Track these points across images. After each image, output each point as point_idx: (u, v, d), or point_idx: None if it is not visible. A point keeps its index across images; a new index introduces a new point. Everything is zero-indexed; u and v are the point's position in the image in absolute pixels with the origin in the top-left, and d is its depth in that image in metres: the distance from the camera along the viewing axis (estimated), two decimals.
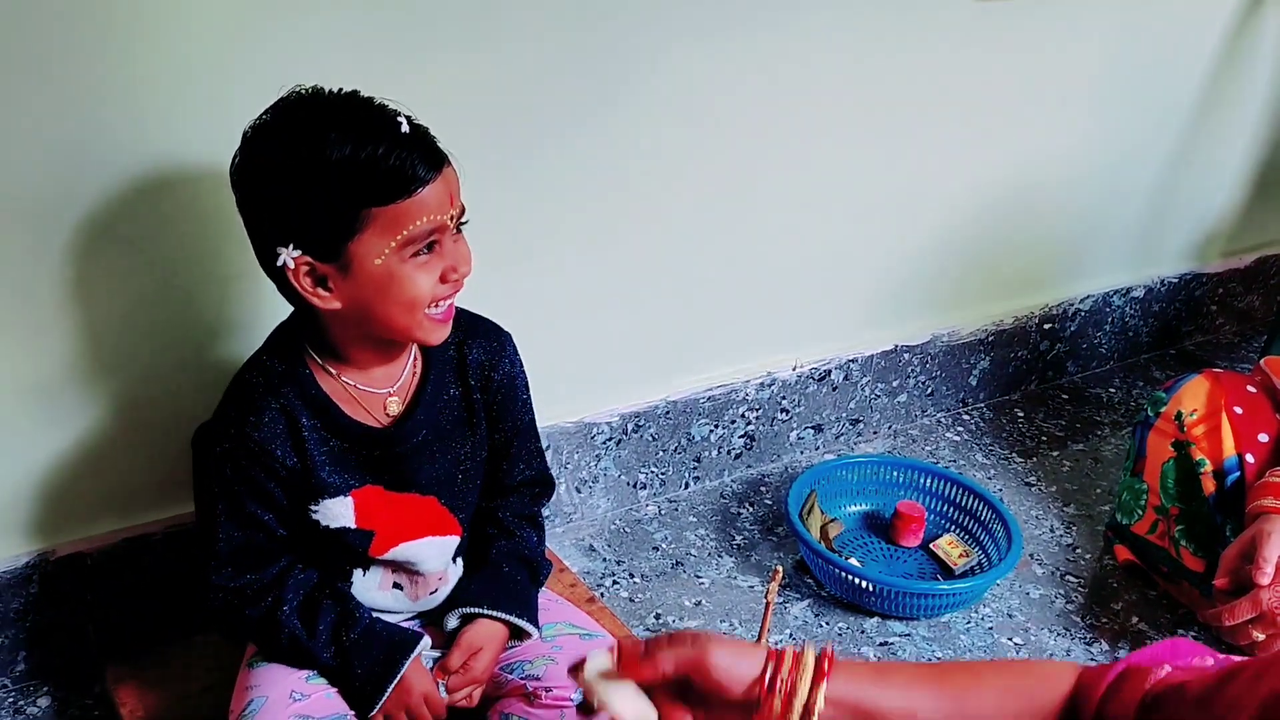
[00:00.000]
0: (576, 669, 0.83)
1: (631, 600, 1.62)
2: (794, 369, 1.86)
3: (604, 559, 1.69)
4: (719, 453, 1.85)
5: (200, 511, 1.16)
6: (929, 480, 1.78)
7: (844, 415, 1.96)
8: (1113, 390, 2.23)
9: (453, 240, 1.05)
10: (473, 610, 1.21)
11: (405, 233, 1.00)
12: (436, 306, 1.06)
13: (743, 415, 1.84)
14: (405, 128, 1.00)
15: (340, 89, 1.04)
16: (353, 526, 1.15)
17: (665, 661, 0.83)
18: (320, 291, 1.04)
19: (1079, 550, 1.79)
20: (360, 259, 1.01)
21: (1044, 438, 2.06)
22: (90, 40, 1.14)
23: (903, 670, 0.86)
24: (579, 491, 1.73)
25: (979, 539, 1.72)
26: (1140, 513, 1.71)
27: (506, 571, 1.24)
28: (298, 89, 1.05)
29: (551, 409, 1.58)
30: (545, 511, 1.35)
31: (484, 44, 1.36)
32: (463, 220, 1.07)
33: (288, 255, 1.02)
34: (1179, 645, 0.81)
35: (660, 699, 0.84)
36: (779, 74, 1.61)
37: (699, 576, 1.67)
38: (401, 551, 1.18)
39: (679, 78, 1.53)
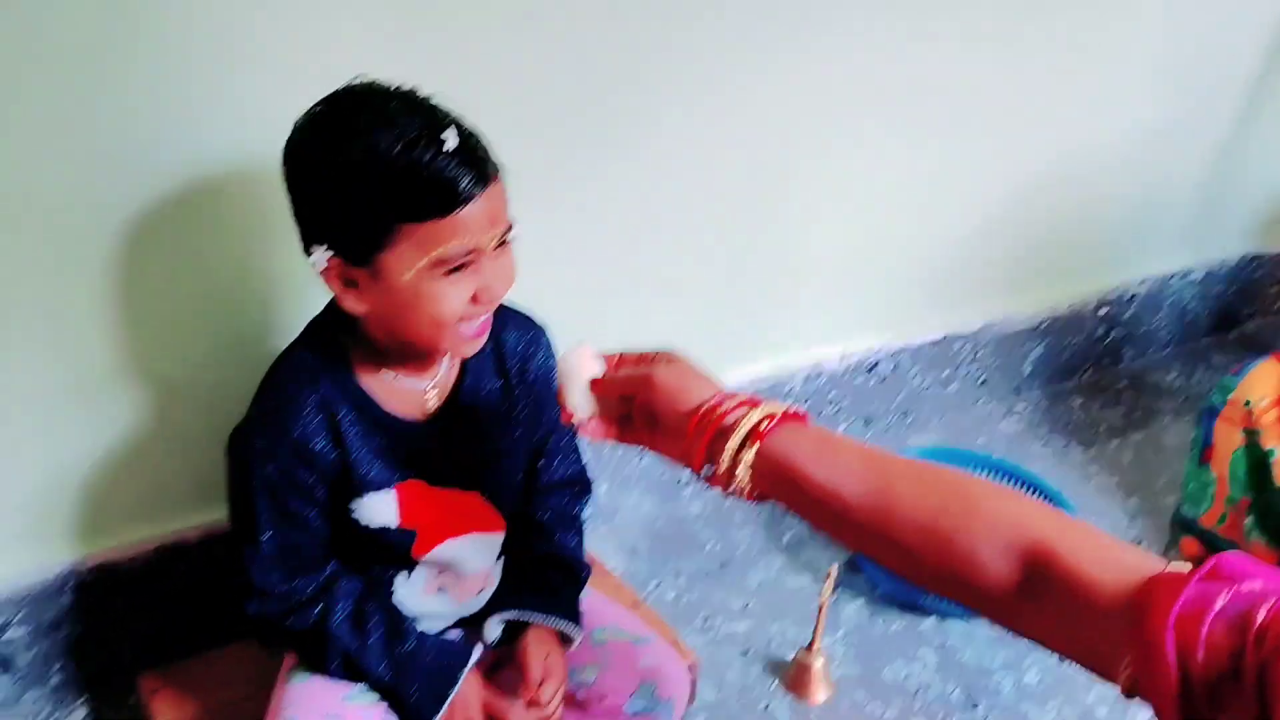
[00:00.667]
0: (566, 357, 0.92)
1: (678, 602, 1.57)
2: (841, 360, 1.80)
3: (648, 560, 1.64)
4: None
5: (235, 517, 1.12)
6: (986, 473, 1.72)
7: (894, 407, 1.90)
8: (1172, 376, 2.15)
9: (492, 259, 1.00)
10: (517, 616, 1.17)
11: (438, 252, 0.96)
12: (470, 322, 1.02)
13: None
14: (451, 142, 0.94)
15: (399, 86, 0.99)
16: (394, 526, 1.11)
17: (617, 381, 0.90)
18: (351, 294, 1.01)
19: (1145, 544, 1.72)
20: (390, 270, 0.97)
21: (1103, 427, 1.99)
22: (132, 45, 1.11)
23: (850, 452, 0.80)
24: (621, 491, 1.69)
25: None
26: (1208, 504, 1.64)
27: (547, 576, 1.21)
28: (356, 80, 1.00)
29: None
30: (586, 511, 1.31)
31: (522, 41, 1.31)
32: (506, 237, 1.02)
33: (320, 254, 0.99)
34: (1232, 560, 0.67)
35: (619, 410, 0.91)
36: (823, 60, 1.55)
37: (747, 576, 1.62)
38: (446, 549, 1.15)
39: (721, 68, 1.47)
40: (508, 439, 1.16)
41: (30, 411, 1.22)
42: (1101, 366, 2.14)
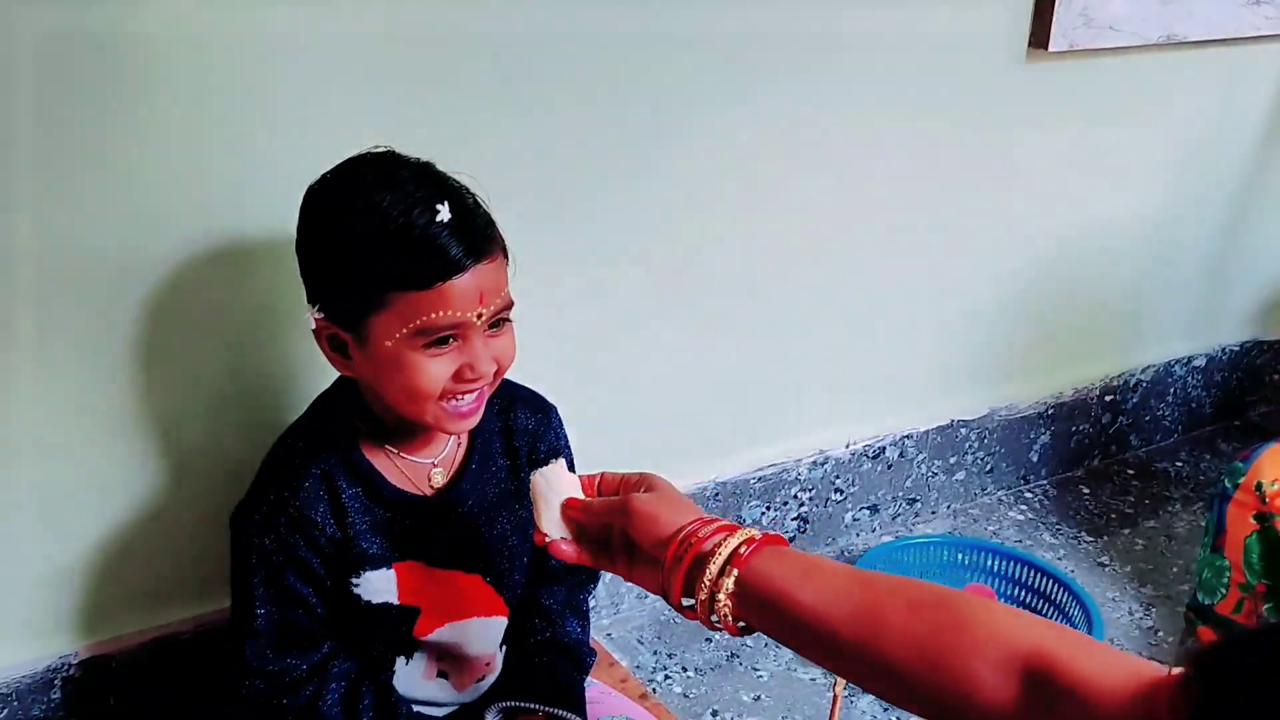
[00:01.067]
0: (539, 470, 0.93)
1: (686, 696, 1.52)
2: (847, 447, 1.78)
3: (654, 652, 1.60)
4: None
5: (235, 593, 1.09)
6: (997, 562, 1.69)
7: (900, 495, 1.88)
8: (1179, 464, 2.13)
9: (484, 336, 0.99)
10: (515, 705, 1.14)
11: (418, 323, 0.95)
12: (457, 399, 1.00)
13: (795, 496, 1.76)
14: (445, 214, 0.94)
15: (417, 158, 1.00)
16: (396, 603, 1.08)
17: (596, 506, 0.90)
18: (339, 358, 1.02)
19: (1160, 634, 1.68)
20: (375, 336, 0.97)
21: (1113, 515, 1.96)
22: (157, 115, 1.12)
23: (835, 573, 0.79)
24: (624, 580, 1.65)
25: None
26: (1223, 591, 1.61)
27: (548, 662, 1.17)
28: (373, 149, 1.01)
29: None
30: (591, 601, 1.28)
31: (525, 121, 1.32)
32: (503, 316, 1.01)
33: (313, 315, 1.00)
34: None
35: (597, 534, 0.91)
36: (823, 143, 1.57)
37: (756, 669, 1.57)
38: (447, 633, 1.12)
39: (721, 151, 1.49)
40: (513, 520, 1.14)
41: (32, 501, 1.20)
42: (1109, 454, 2.12)
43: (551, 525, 0.91)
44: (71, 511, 1.23)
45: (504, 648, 1.19)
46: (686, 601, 0.83)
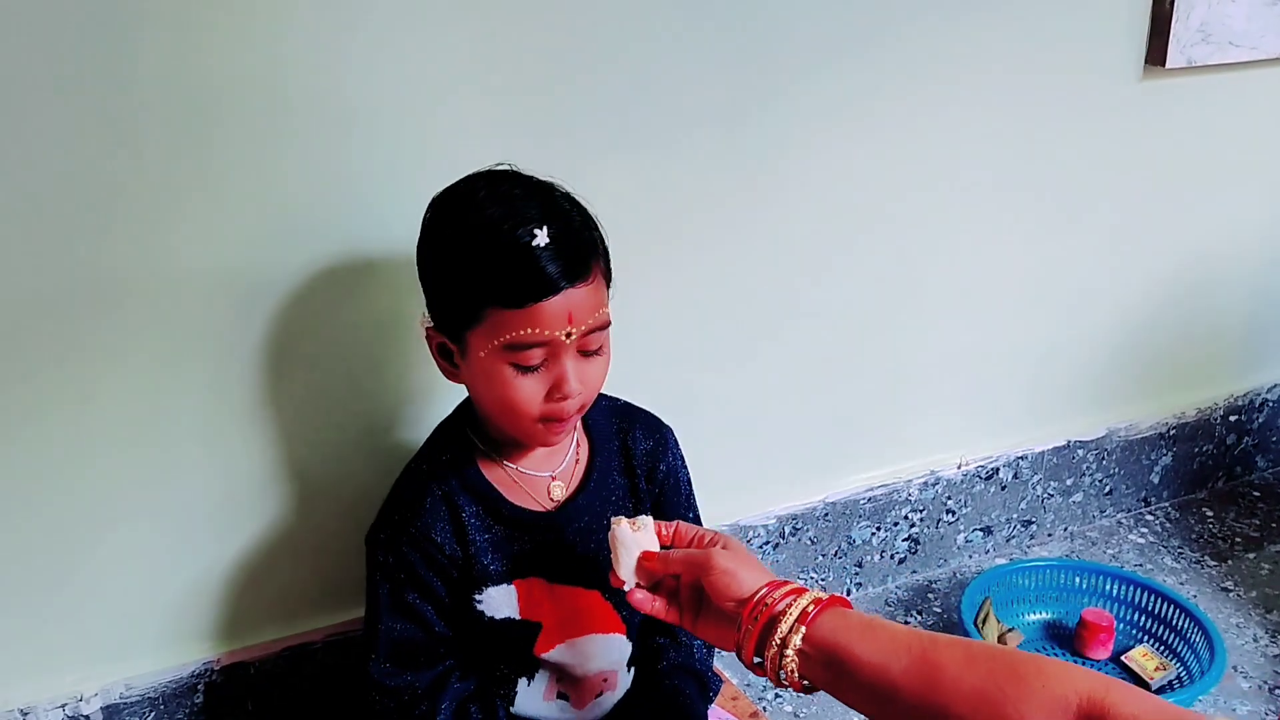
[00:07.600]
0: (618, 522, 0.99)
1: (796, 715, 1.53)
2: (959, 467, 1.77)
3: None
4: (881, 557, 1.76)
5: (366, 609, 1.14)
6: (1116, 586, 1.66)
7: (1015, 516, 1.86)
8: None
9: (573, 356, 1.01)
10: None
11: (507, 338, 0.98)
12: (551, 417, 1.02)
13: (906, 517, 1.75)
14: (542, 239, 0.96)
15: (535, 176, 1.03)
16: (518, 618, 1.12)
17: (674, 558, 0.95)
18: (447, 365, 1.07)
19: None
20: (472, 348, 1.01)
21: (1238, 539, 1.91)
22: (270, 156, 1.18)
23: (894, 630, 0.84)
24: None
25: (1176, 650, 1.58)
26: None
27: (675, 685, 1.19)
28: (496, 166, 1.05)
29: (705, 511, 1.52)
30: None
31: (640, 145, 1.36)
32: (596, 338, 1.02)
33: (424, 322, 1.06)
34: None
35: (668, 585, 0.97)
36: (937, 161, 1.57)
37: None
38: (565, 651, 1.14)
39: (835, 170, 1.50)
40: None
41: (176, 517, 1.27)
42: (1234, 475, 2.06)
43: (628, 573, 0.97)
44: (211, 527, 1.29)
45: (632, 669, 1.20)
46: (756, 660, 0.89)
